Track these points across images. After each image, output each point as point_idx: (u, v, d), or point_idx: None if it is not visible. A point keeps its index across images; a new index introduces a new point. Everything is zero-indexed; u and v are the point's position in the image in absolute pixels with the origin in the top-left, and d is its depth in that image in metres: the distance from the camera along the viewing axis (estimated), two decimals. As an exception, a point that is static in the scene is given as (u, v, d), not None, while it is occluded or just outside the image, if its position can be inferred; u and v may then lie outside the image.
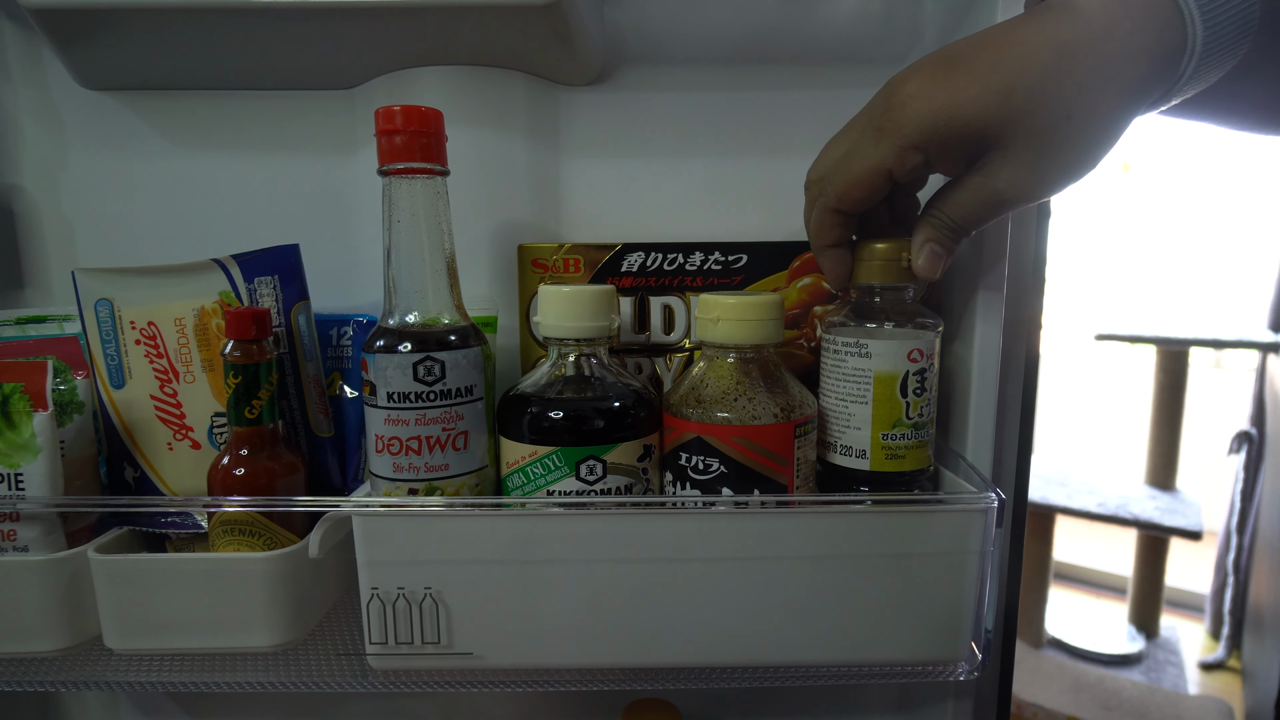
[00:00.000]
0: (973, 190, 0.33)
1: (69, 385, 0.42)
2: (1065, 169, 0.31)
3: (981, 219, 0.34)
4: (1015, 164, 0.31)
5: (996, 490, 0.38)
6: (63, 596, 0.39)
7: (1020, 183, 0.32)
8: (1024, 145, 0.31)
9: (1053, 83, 0.30)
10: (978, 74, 0.31)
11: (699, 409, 0.38)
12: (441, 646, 0.38)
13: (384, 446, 0.37)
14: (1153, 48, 0.29)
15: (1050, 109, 0.30)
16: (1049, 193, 0.32)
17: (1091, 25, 0.30)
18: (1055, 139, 0.30)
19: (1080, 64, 0.30)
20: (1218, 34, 0.29)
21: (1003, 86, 0.30)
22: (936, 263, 0.36)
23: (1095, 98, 0.30)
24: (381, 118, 0.36)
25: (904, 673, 0.41)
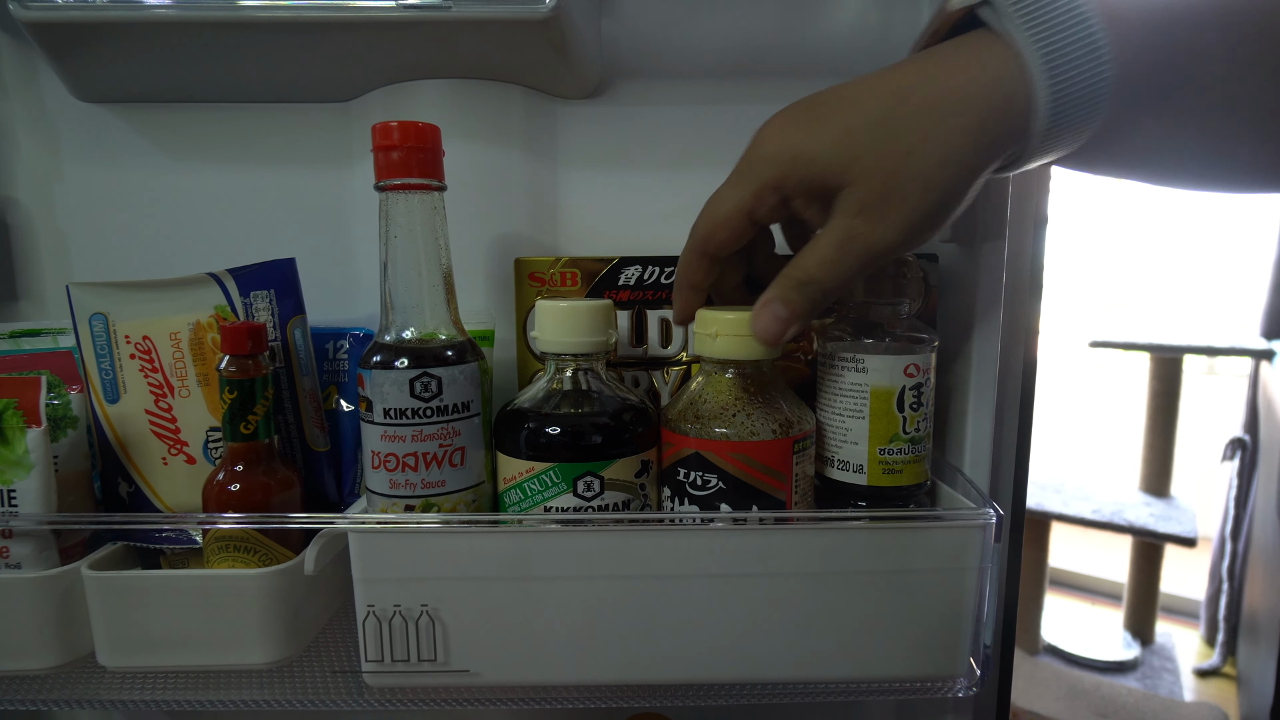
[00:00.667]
0: (827, 238, 0.32)
1: (63, 400, 0.42)
2: (914, 209, 0.31)
3: (839, 270, 0.32)
4: (863, 204, 0.31)
5: (994, 505, 0.38)
6: (56, 613, 0.39)
7: (871, 224, 0.31)
8: (868, 182, 0.31)
9: (891, 122, 0.31)
10: (826, 117, 0.32)
11: (697, 424, 0.37)
12: (438, 664, 0.37)
13: (380, 463, 0.37)
14: (992, 95, 0.30)
15: (889, 146, 0.30)
16: (903, 236, 0.31)
17: (931, 72, 0.31)
18: (897, 176, 0.30)
19: (917, 105, 0.30)
20: (1066, 91, 0.29)
21: (846, 125, 0.31)
22: (775, 325, 0.34)
23: (933, 136, 0.30)
24: (378, 134, 0.36)
25: (902, 689, 0.41)
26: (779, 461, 0.37)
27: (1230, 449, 1.69)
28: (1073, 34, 0.29)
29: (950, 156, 0.30)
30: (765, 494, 0.37)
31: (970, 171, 0.31)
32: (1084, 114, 0.30)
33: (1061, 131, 0.31)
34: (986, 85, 0.30)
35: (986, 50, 0.30)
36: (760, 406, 0.38)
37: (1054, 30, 0.29)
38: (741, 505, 0.37)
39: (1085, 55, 0.29)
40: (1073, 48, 0.29)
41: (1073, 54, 0.29)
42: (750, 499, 0.37)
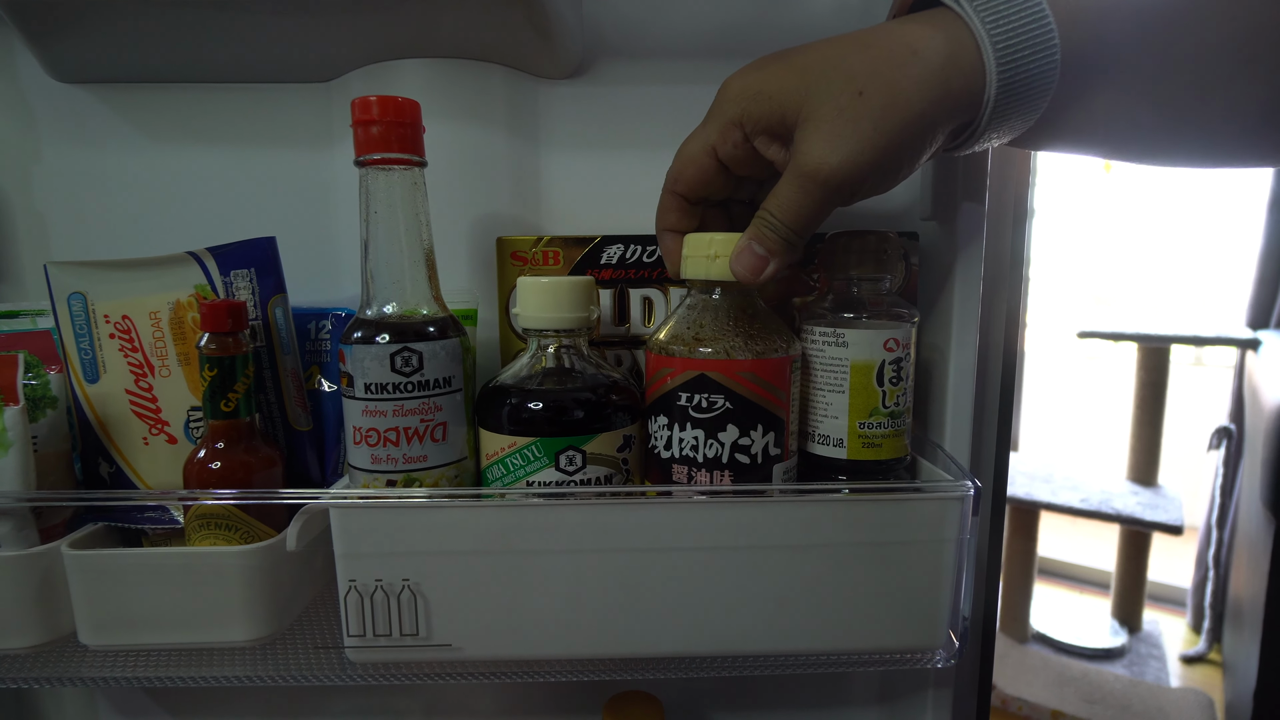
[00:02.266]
0: (787, 177, 0.33)
1: (42, 380, 0.41)
2: (865, 147, 0.31)
3: (802, 208, 0.33)
4: (814, 136, 0.32)
5: (973, 479, 0.38)
6: (36, 593, 0.38)
7: (821, 155, 0.32)
8: (820, 118, 0.32)
9: (845, 63, 0.32)
10: (787, 61, 0.34)
11: (697, 346, 0.37)
12: (420, 638, 0.37)
13: (361, 438, 0.37)
14: (944, 54, 0.31)
15: (841, 83, 0.32)
16: (855, 172, 0.32)
17: (890, 30, 0.33)
18: (849, 112, 0.31)
19: (873, 51, 0.32)
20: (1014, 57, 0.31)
21: (803, 66, 0.33)
22: (754, 263, 0.35)
23: (887, 80, 0.31)
24: (358, 108, 0.36)
25: (883, 661, 0.41)
26: (781, 380, 0.38)
27: (1216, 438, 1.71)
28: (1020, 6, 0.31)
29: (902, 102, 0.31)
30: (771, 412, 0.38)
31: (921, 120, 0.32)
32: (1033, 82, 0.31)
33: (1012, 100, 0.32)
34: (940, 44, 0.31)
35: (941, 20, 0.32)
36: (760, 326, 0.38)
37: (1001, 3, 0.31)
38: (747, 425, 0.37)
39: (1032, 24, 0.30)
40: (1018, 16, 0.31)
41: (1019, 21, 0.31)
42: (756, 418, 0.37)
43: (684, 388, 0.37)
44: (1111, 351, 2.25)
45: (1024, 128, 0.34)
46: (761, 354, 0.37)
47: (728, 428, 0.37)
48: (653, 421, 0.39)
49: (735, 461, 0.37)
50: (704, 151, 0.36)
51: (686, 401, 0.37)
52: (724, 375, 0.37)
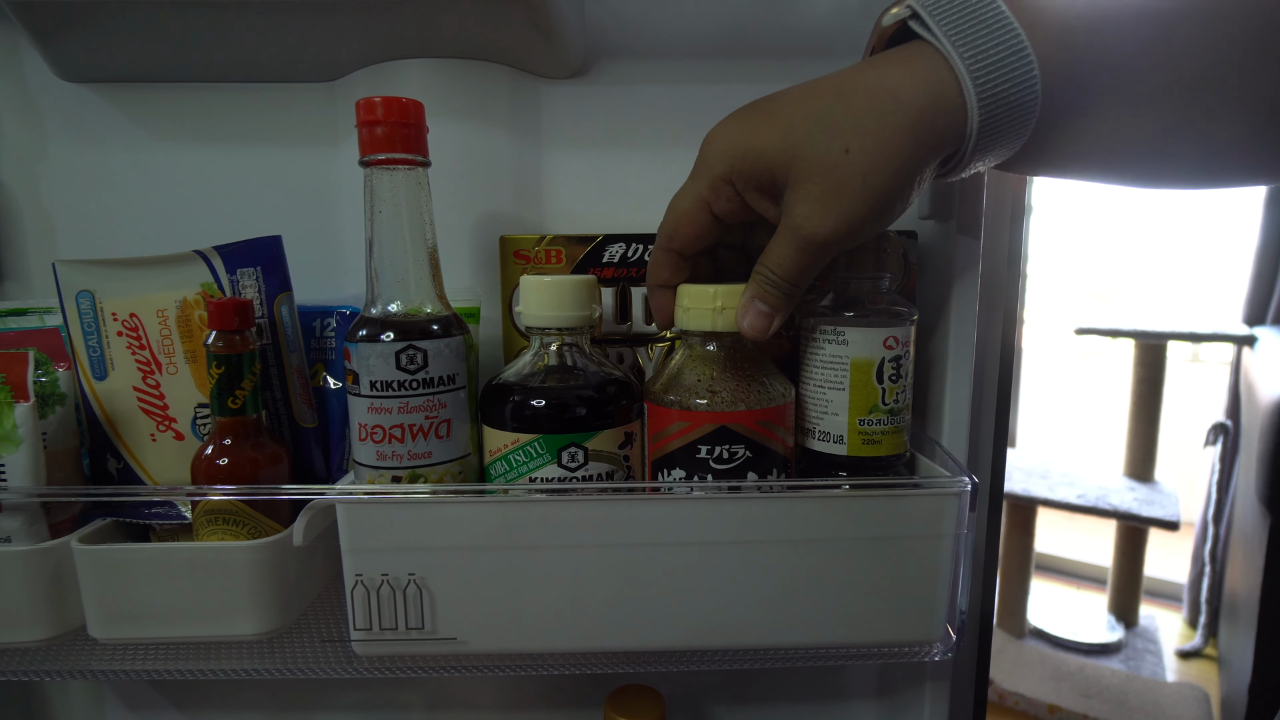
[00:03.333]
0: (781, 236, 0.34)
1: (50, 377, 0.42)
2: (857, 205, 0.32)
3: (799, 267, 0.34)
4: (806, 199, 0.33)
5: (970, 475, 0.38)
6: (46, 587, 0.39)
7: (815, 218, 0.32)
8: (809, 179, 0.32)
9: (829, 120, 0.32)
10: (770, 114, 0.34)
11: (714, 399, 0.38)
12: (425, 632, 0.38)
13: (367, 435, 0.38)
14: (925, 95, 0.31)
15: (827, 143, 0.32)
16: (846, 230, 0.33)
17: (868, 75, 0.33)
18: (837, 172, 0.32)
19: (855, 104, 0.32)
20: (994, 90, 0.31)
21: (787, 124, 0.33)
22: (761, 320, 0.36)
23: (871, 134, 0.31)
24: (362, 109, 0.36)
25: (880, 654, 0.42)
26: (789, 423, 0.39)
27: (1213, 434, 1.71)
28: (995, 37, 0.31)
29: (888, 153, 0.32)
30: (783, 456, 0.39)
31: (908, 167, 0.32)
32: (1016, 112, 0.32)
33: (996, 130, 0.32)
34: (920, 86, 0.31)
35: (919, 57, 0.32)
36: (762, 372, 0.39)
37: (976, 35, 0.31)
38: (765, 471, 0.38)
39: (1009, 56, 0.31)
40: (996, 50, 0.31)
41: (996, 55, 0.31)
42: (772, 463, 0.38)
43: (704, 440, 0.38)
44: (1109, 348, 2.26)
45: (1009, 154, 0.34)
46: (774, 400, 0.38)
47: (748, 476, 0.38)
48: (665, 474, 0.39)
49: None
50: (697, 208, 0.36)
51: (708, 454, 0.38)
52: (745, 425, 0.38)
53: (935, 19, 0.31)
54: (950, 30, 0.31)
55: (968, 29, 0.31)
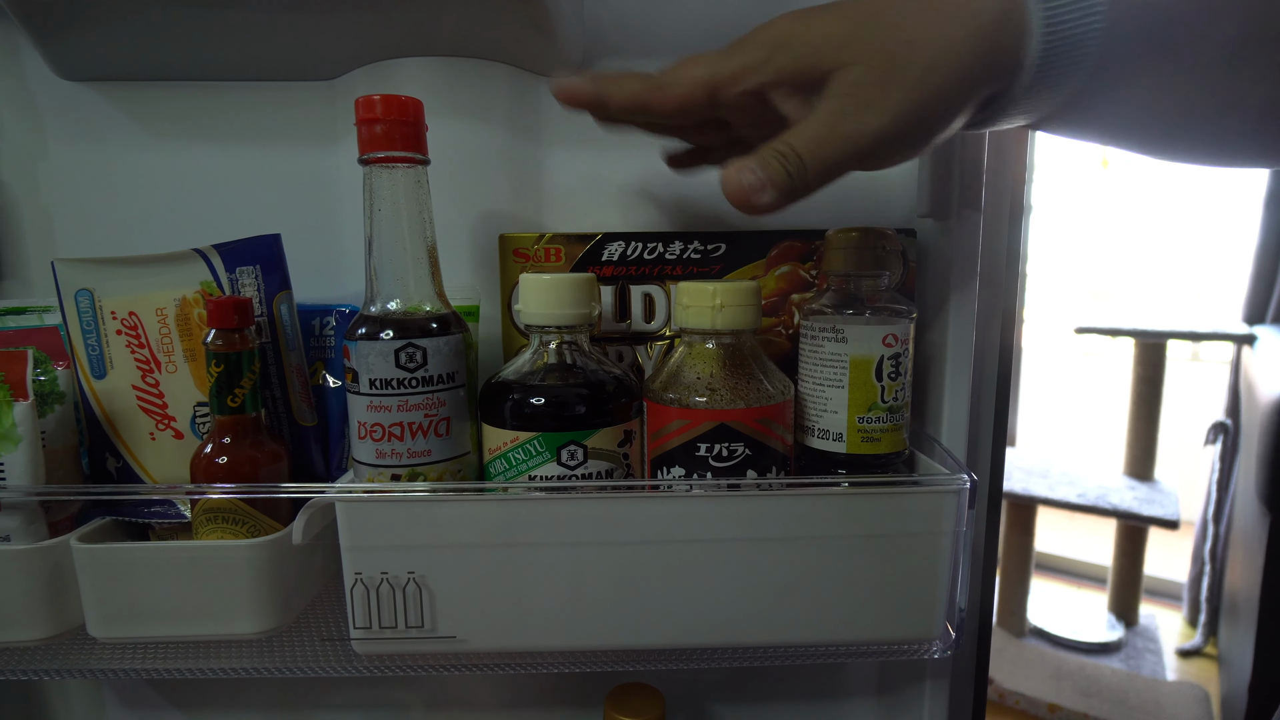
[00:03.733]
0: (820, 112, 0.31)
1: (49, 375, 0.42)
2: (910, 97, 0.30)
3: (825, 148, 0.31)
4: (858, 84, 0.30)
5: (969, 472, 0.38)
6: (45, 585, 0.39)
7: (865, 102, 0.30)
8: (868, 62, 0.30)
9: (894, 13, 0.31)
10: (828, 9, 0.32)
11: (714, 396, 0.38)
12: (425, 630, 0.38)
13: (366, 433, 0.38)
14: (991, 8, 0.30)
15: (891, 33, 0.30)
16: (894, 124, 0.30)
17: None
18: (897, 60, 0.30)
19: (920, 4, 0.31)
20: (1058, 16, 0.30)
21: (845, 14, 0.31)
22: (752, 183, 0.31)
23: (935, 30, 0.30)
24: (361, 107, 0.36)
25: (881, 651, 0.42)
26: (788, 421, 0.39)
27: (1213, 433, 1.72)
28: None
29: (950, 52, 0.30)
30: (783, 454, 0.39)
31: (967, 75, 0.31)
32: (1075, 49, 0.31)
33: (1051, 73, 0.31)
34: (992, 5, 0.30)
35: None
36: (763, 370, 0.39)
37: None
38: (764, 469, 0.38)
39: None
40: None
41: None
42: (771, 461, 0.39)
43: (704, 438, 0.38)
44: (1109, 347, 2.26)
45: (1053, 105, 0.33)
46: (773, 398, 0.38)
47: (747, 474, 0.38)
48: (664, 472, 0.39)
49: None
50: (702, 84, 0.32)
51: (706, 452, 0.38)
52: (744, 423, 0.38)
53: None
54: None
55: None
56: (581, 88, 0.35)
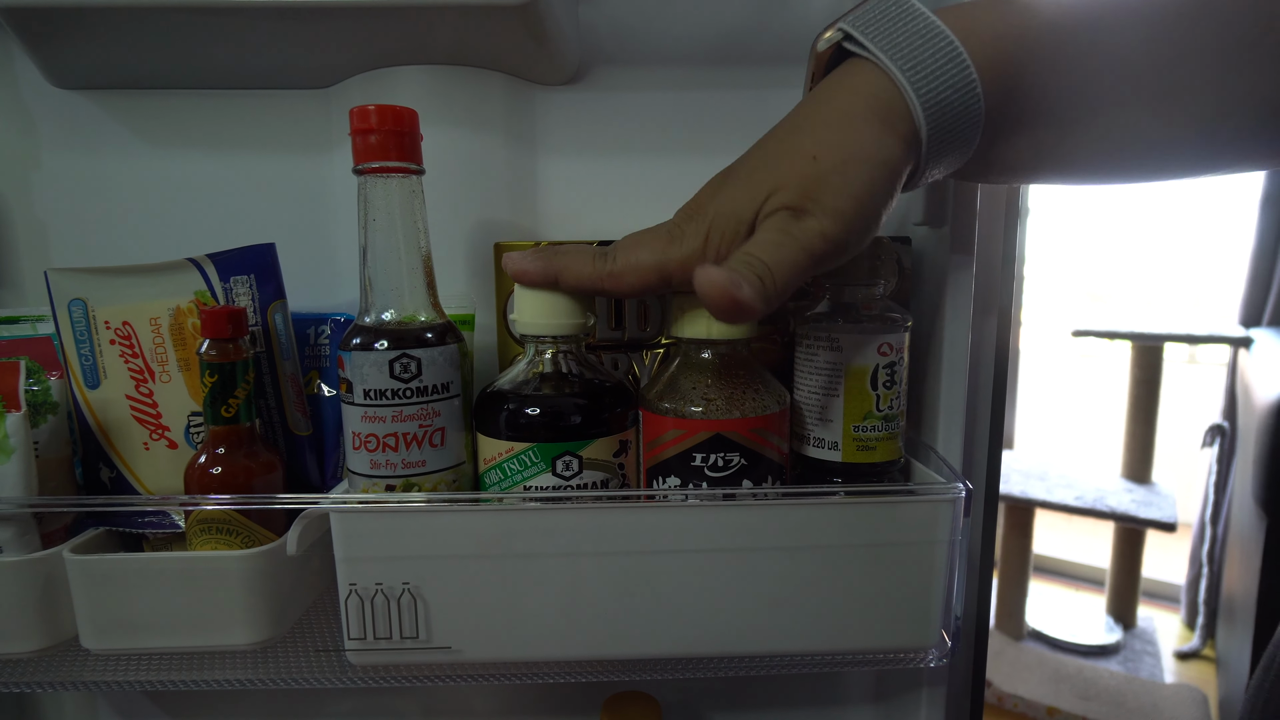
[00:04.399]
0: (769, 226, 0.32)
1: (43, 386, 0.42)
2: (840, 196, 0.31)
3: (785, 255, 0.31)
4: (787, 201, 0.31)
5: (965, 481, 0.38)
6: (38, 597, 0.39)
7: (803, 217, 0.31)
8: (787, 187, 0.31)
9: (790, 143, 0.32)
10: (733, 171, 0.34)
11: (709, 406, 0.38)
12: (420, 641, 0.38)
13: (361, 443, 0.37)
14: (875, 104, 0.32)
15: (796, 158, 0.32)
16: (838, 225, 0.31)
17: (817, 100, 0.33)
18: (812, 176, 0.31)
19: (809, 127, 0.32)
20: (937, 94, 0.31)
21: (749, 165, 0.33)
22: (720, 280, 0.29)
23: (835, 141, 0.31)
24: (356, 117, 0.36)
25: (877, 660, 0.42)
26: (784, 431, 0.39)
27: (1210, 436, 1.72)
28: (929, 46, 0.31)
29: (854, 152, 0.31)
30: (778, 463, 0.39)
31: (882, 163, 0.32)
32: (961, 117, 0.32)
33: (946, 137, 0.32)
34: (867, 100, 0.32)
35: (859, 74, 0.33)
36: (758, 379, 0.39)
37: (910, 46, 0.31)
38: (759, 479, 0.38)
39: (947, 63, 0.31)
40: (932, 58, 0.31)
41: (933, 63, 0.31)
42: (767, 471, 0.38)
43: (699, 448, 0.38)
44: (1106, 350, 2.26)
45: (962, 160, 0.34)
46: (768, 408, 0.38)
47: (743, 483, 0.38)
48: (660, 482, 0.39)
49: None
50: (657, 271, 0.34)
51: (702, 461, 0.38)
52: (739, 433, 0.37)
53: (869, 36, 0.32)
54: (885, 44, 0.32)
55: (902, 41, 0.31)
56: (533, 271, 0.37)
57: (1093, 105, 0.33)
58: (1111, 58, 0.32)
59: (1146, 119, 0.33)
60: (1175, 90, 0.32)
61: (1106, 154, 0.34)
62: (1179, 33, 0.31)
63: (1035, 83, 0.32)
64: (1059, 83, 0.32)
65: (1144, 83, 0.32)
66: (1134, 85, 0.32)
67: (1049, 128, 0.34)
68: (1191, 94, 0.32)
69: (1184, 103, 0.32)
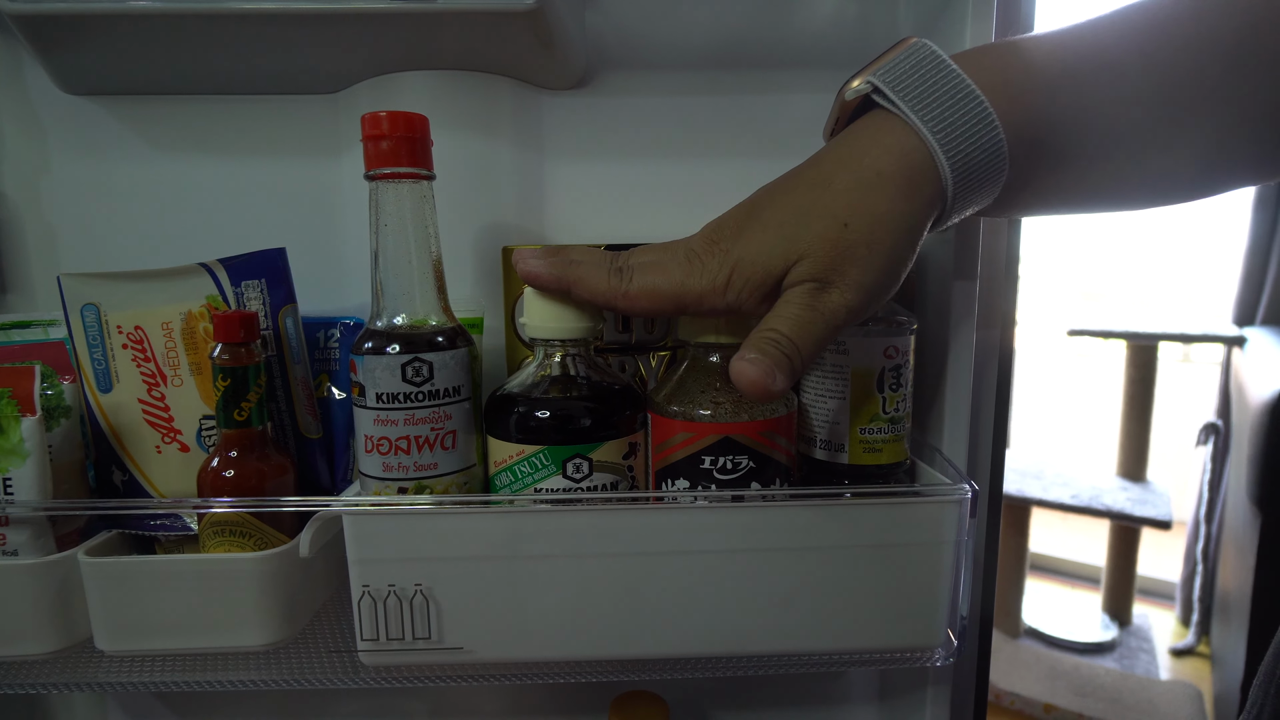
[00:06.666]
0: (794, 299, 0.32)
1: (56, 390, 0.42)
2: (866, 269, 0.32)
3: (810, 330, 0.32)
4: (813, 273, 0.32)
5: (970, 482, 0.39)
6: (53, 599, 0.39)
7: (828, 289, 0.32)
8: (815, 256, 0.32)
9: (820, 205, 0.32)
10: (759, 219, 0.34)
11: (718, 410, 0.38)
12: (432, 642, 0.38)
13: (373, 446, 0.38)
14: (903, 167, 0.32)
15: (826, 224, 0.32)
16: (862, 296, 0.32)
17: (844, 157, 0.33)
18: (840, 245, 0.32)
19: (839, 188, 0.32)
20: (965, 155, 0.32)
21: (779, 221, 0.33)
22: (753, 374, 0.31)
23: (863, 208, 0.32)
24: (368, 123, 0.37)
25: (883, 660, 0.42)
26: (791, 433, 0.40)
27: (1204, 434, 1.73)
28: (960, 108, 0.31)
29: (883, 219, 0.32)
30: (786, 466, 0.39)
31: (907, 230, 0.32)
32: (985, 172, 0.32)
33: (969, 190, 0.33)
34: (897, 160, 0.32)
35: (887, 130, 0.33)
36: None
37: (941, 107, 0.32)
38: (768, 481, 0.39)
39: (975, 124, 0.31)
40: (962, 119, 0.31)
41: (963, 125, 0.31)
42: (775, 473, 0.39)
43: (708, 451, 0.38)
44: (1101, 349, 2.28)
45: (988, 202, 0.35)
46: (776, 411, 0.38)
47: (751, 485, 0.38)
48: (668, 484, 0.39)
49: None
50: (669, 299, 0.34)
51: (711, 464, 0.38)
52: (748, 436, 0.38)
53: (899, 94, 0.32)
54: (915, 104, 0.32)
55: (932, 101, 0.32)
56: (546, 277, 0.37)
57: (1109, 145, 0.33)
58: (1124, 96, 0.33)
59: (1155, 151, 0.34)
60: (1178, 121, 0.33)
61: (1118, 187, 0.35)
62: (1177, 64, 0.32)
63: (1057, 132, 0.33)
64: (1080, 128, 0.33)
65: (1153, 114, 0.33)
66: (1145, 117, 0.33)
67: (1068, 171, 0.34)
68: (1195, 120, 0.33)
69: (1188, 131, 0.33)
